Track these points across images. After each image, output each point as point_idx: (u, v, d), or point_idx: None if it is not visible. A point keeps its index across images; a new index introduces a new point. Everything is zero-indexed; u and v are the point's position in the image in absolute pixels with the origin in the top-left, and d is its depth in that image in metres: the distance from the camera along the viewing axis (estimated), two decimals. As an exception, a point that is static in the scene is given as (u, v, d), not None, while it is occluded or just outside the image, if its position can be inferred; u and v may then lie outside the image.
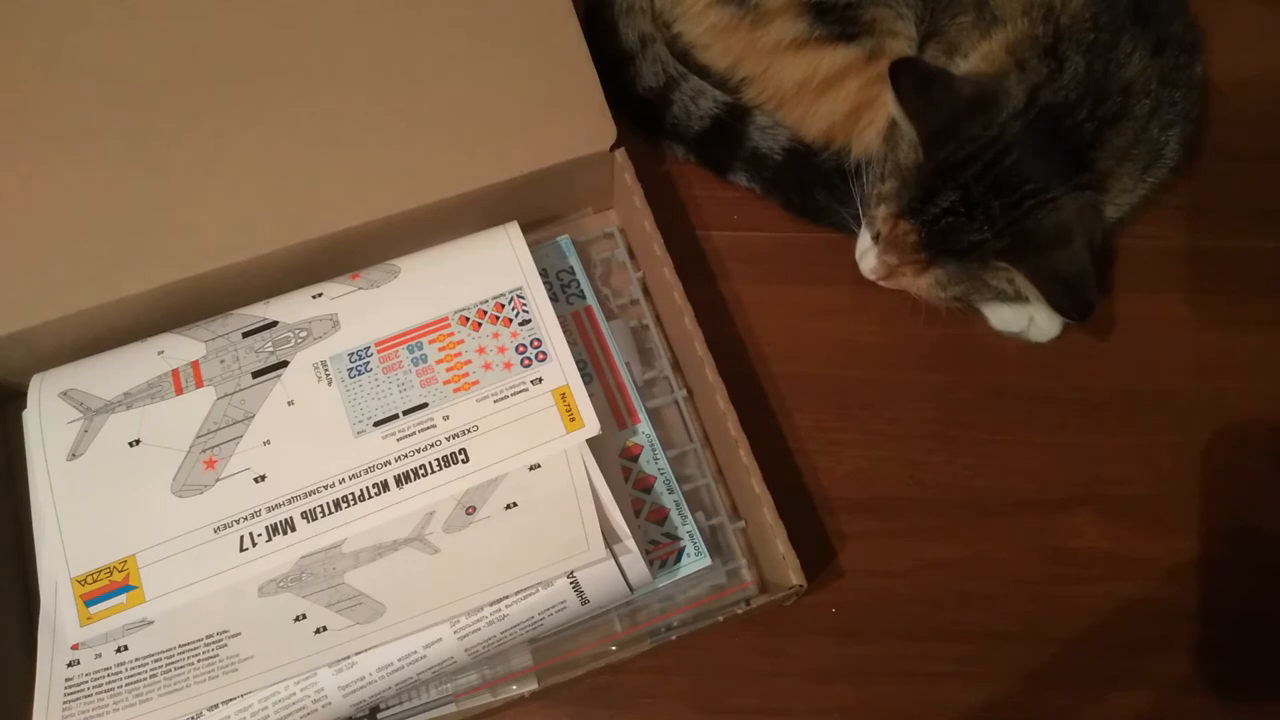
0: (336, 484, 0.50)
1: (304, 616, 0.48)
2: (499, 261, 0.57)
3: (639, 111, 0.67)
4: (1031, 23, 0.58)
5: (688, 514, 0.57)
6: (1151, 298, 0.67)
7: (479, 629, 0.49)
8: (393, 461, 0.51)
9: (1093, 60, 0.57)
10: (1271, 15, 0.75)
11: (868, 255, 0.61)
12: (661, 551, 0.56)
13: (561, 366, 0.53)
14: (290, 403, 0.52)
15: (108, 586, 0.48)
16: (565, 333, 0.54)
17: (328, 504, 0.50)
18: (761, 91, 0.66)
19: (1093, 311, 0.55)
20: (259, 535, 0.49)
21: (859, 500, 0.61)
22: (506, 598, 0.49)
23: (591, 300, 0.62)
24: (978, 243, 0.55)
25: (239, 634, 0.48)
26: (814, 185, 0.66)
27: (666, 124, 0.67)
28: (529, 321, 0.55)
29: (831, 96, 0.64)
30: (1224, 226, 0.69)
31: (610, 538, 0.49)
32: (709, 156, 0.68)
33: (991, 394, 0.64)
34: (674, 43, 0.68)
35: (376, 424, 0.52)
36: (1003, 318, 0.65)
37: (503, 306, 0.55)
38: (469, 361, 0.53)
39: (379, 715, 0.53)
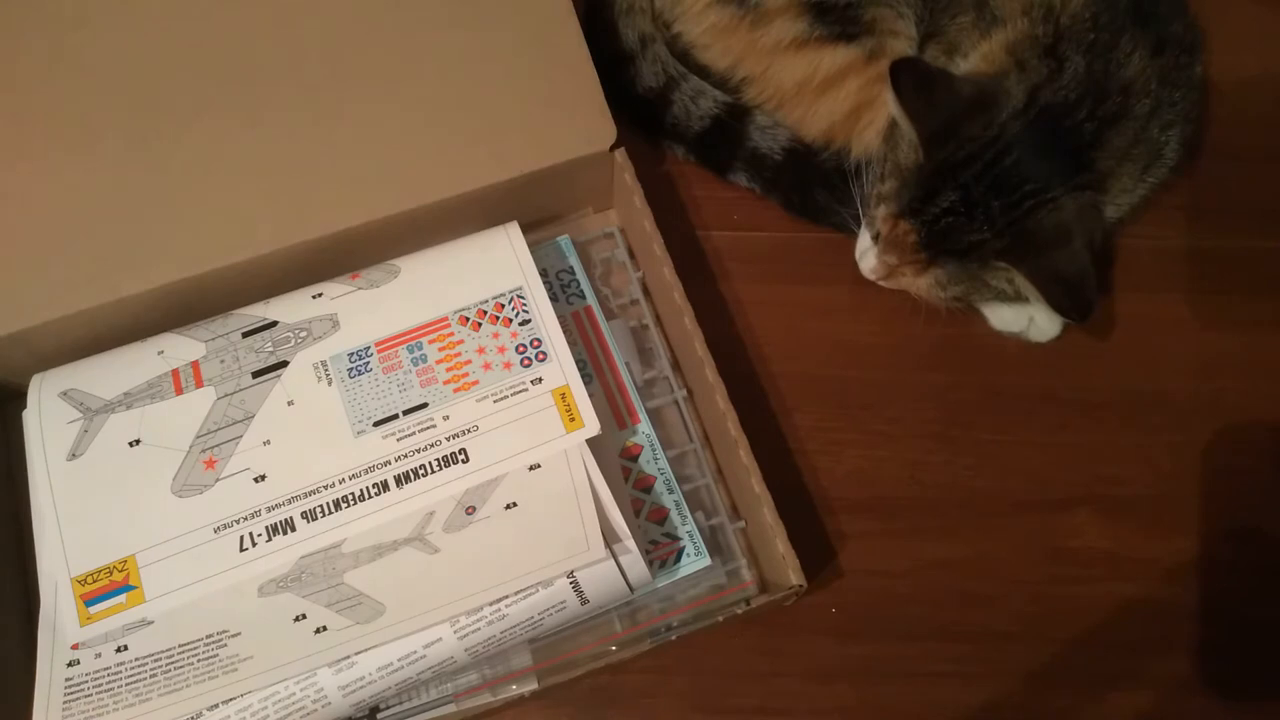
0: (336, 484, 0.50)
1: (304, 616, 0.48)
2: (499, 261, 0.57)
3: (639, 111, 0.67)
4: (1031, 23, 0.58)
5: (687, 514, 0.57)
6: (1151, 298, 0.67)
7: (479, 629, 0.48)
8: (393, 461, 0.51)
9: (1093, 60, 0.57)
10: (1271, 15, 0.75)
11: (868, 255, 0.61)
12: (661, 551, 0.56)
13: (561, 366, 0.53)
14: (290, 403, 0.52)
15: (108, 586, 0.48)
16: (565, 333, 0.54)
17: (328, 504, 0.50)
18: (761, 91, 0.66)
19: (1093, 311, 0.55)
20: (259, 535, 0.49)
21: (859, 500, 0.61)
22: (506, 598, 0.49)
23: (591, 300, 0.62)
24: (978, 243, 0.55)
25: (239, 634, 0.48)
26: (814, 185, 0.66)
27: (666, 124, 0.67)
28: (529, 321, 0.55)
29: (831, 96, 0.64)
30: (1224, 226, 0.69)
31: (610, 538, 0.49)
32: (709, 156, 0.68)
33: (991, 394, 0.64)
34: (674, 43, 0.68)
35: (376, 424, 0.52)
36: (1003, 318, 0.65)
37: (503, 306, 0.55)
38: (469, 361, 0.53)
39: (379, 715, 0.52)
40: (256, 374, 0.53)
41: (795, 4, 0.62)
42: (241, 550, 0.49)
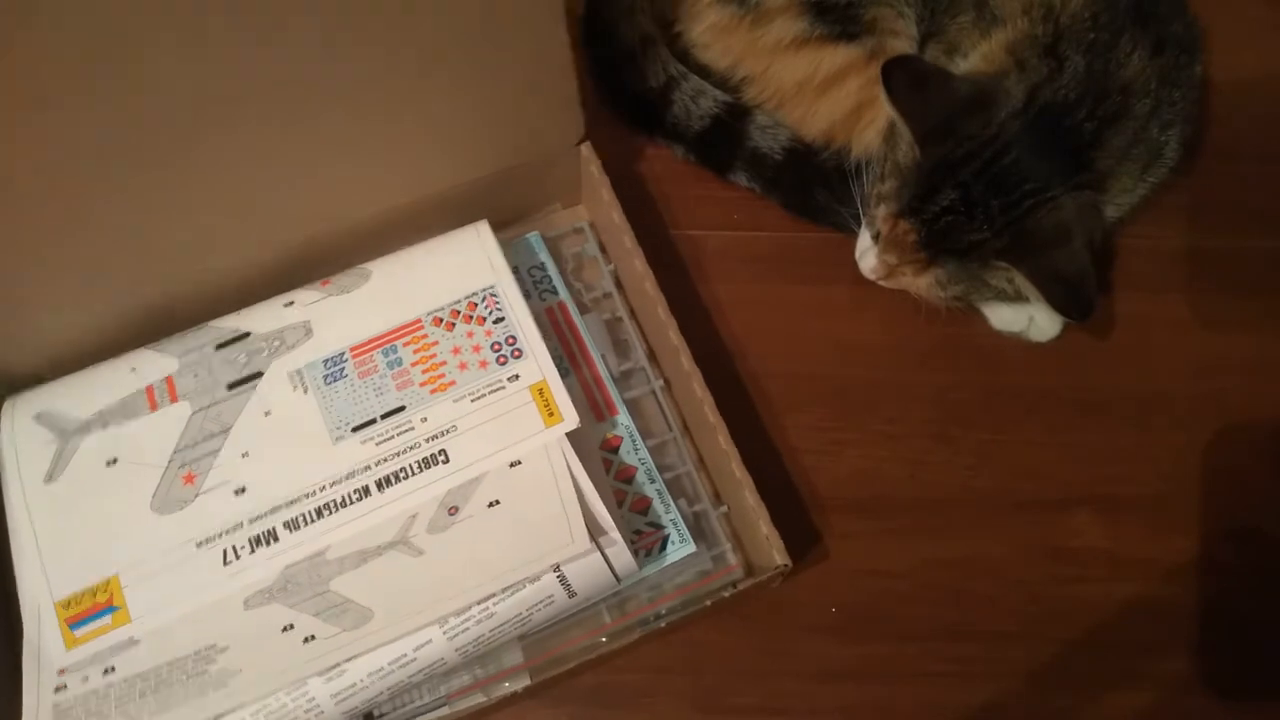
0: (317, 492, 0.50)
1: (292, 626, 0.48)
2: (470, 261, 0.56)
3: (639, 111, 0.67)
4: (1031, 22, 0.58)
5: (670, 502, 0.57)
6: (1151, 298, 0.67)
7: (468, 628, 0.48)
8: (373, 466, 0.51)
9: (1092, 60, 0.57)
10: (1271, 15, 0.75)
11: (868, 255, 0.61)
12: (646, 541, 0.56)
13: (538, 362, 0.53)
14: (267, 413, 0.52)
15: (91, 608, 0.47)
16: (540, 328, 0.54)
17: (309, 512, 0.50)
18: (762, 91, 0.66)
19: (1093, 311, 0.55)
20: (242, 548, 0.49)
21: (859, 500, 0.61)
22: (494, 595, 0.49)
23: (564, 295, 0.62)
24: (977, 242, 0.55)
25: (227, 648, 0.47)
26: (814, 185, 0.66)
27: (666, 124, 0.67)
28: (503, 319, 0.54)
29: (832, 96, 0.64)
30: (1224, 226, 0.69)
31: (595, 530, 0.50)
32: (709, 156, 0.68)
33: (991, 394, 0.64)
34: (674, 42, 0.68)
35: (355, 429, 0.51)
36: (1003, 318, 0.64)
37: (475, 305, 0.55)
38: (444, 362, 0.53)
39: (373, 720, 0.52)
40: (231, 386, 0.52)
41: (795, 3, 0.62)
42: (225, 564, 0.48)
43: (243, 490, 0.50)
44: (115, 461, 0.50)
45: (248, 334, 0.54)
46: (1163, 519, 0.61)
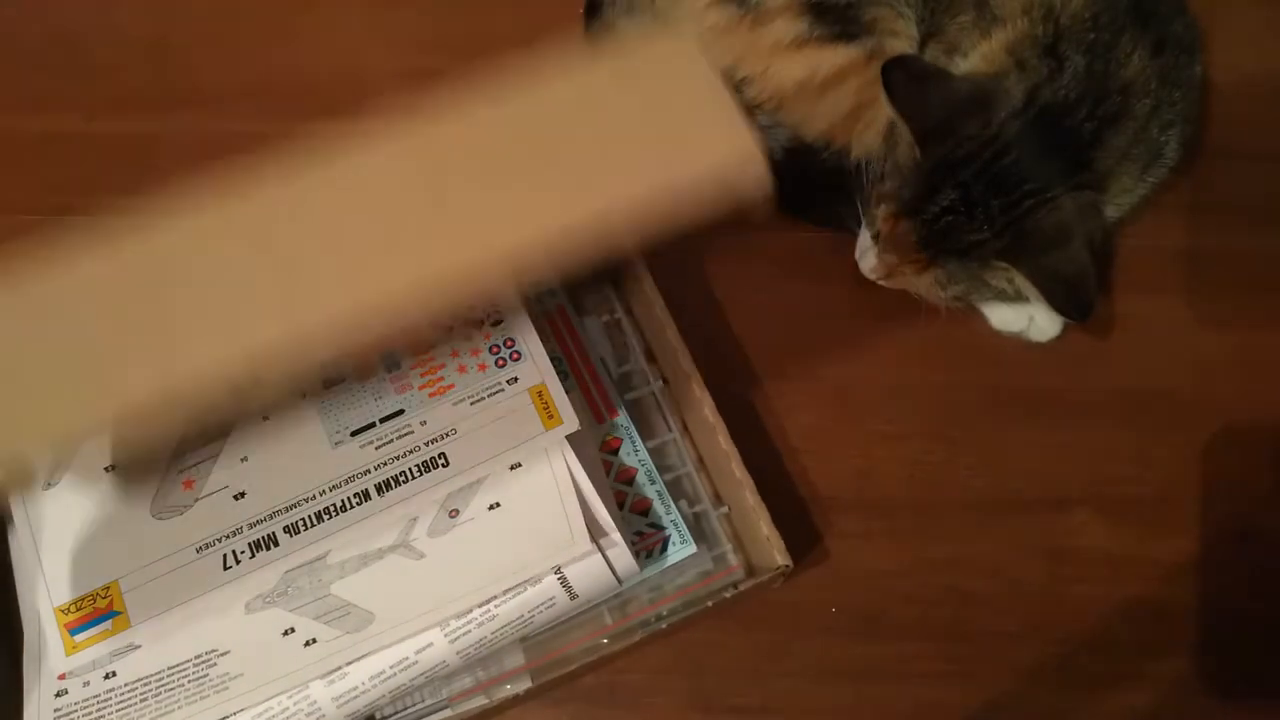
0: (317, 496, 0.50)
1: (292, 630, 0.48)
2: None
3: (639, 111, 0.67)
4: (1031, 22, 0.58)
5: (671, 503, 0.57)
6: (1151, 298, 0.67)
7: (469, 631, 0.49)
8: (372, 470, 0.51)
9: (1093, 60, 0.57)
10: (1271, 15, 0.75)
11: (868, 255, 0.61)
12: (647, 542, 0.56)
13: (536, 365, 0.53)
14: (265, 418, 0.52)
15: (91, 614, 0.48)
16: (538, 331, 0.54)
17: (309, 516, 0.50)
18: (761, 91, 0.66)
19: (1093, 311, 0.55)
20: (242, 552, 0.49)
21: (859, 500, 0.61)
22: (495, 598, 0.49)
23: (562, 297, 0.62)
24: (978, 242, 0.55)
25: (228, 652, 0.47)
26: (814, 185, 0.66)
27: (666, 124, 0.67)
28: (501, 322, 0.54)
29: (831, 96, 0.64)
30: (1224, 226, 0.69)
31: (595, 532, 0.50)
32: (709, 156, 0.68)
33: (991, 394, 0.64)
34: (674, 42, 0.68)
35: (354, 433, 0.51)
36: (1003, 318, 0.64)
37: (474, 309, 0.55)
38: (443, 365, 0.53)
39: (374, 723, 0.52)
40: None
41: (795, 4, 0.62)
42: (225, 569, 0.48)
43: (242, 495, 0.50)
44: (114, 467, 0.50)
45: None
46: (1163, 519, 0.61)
